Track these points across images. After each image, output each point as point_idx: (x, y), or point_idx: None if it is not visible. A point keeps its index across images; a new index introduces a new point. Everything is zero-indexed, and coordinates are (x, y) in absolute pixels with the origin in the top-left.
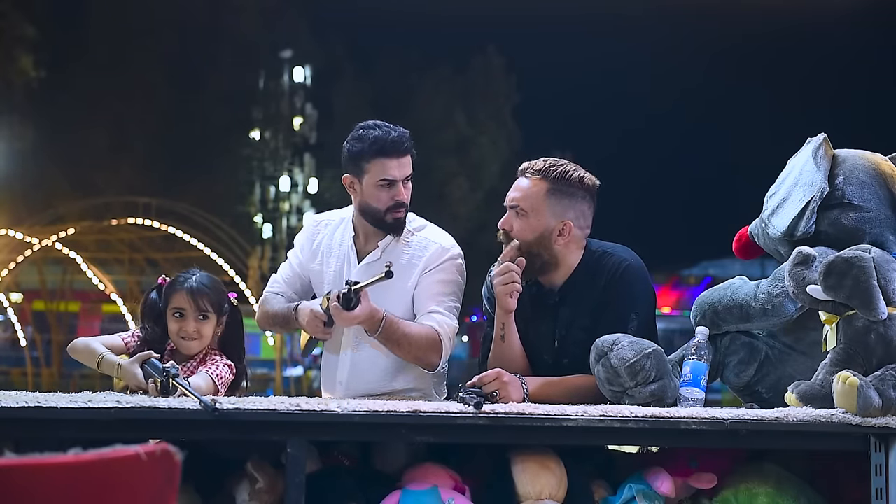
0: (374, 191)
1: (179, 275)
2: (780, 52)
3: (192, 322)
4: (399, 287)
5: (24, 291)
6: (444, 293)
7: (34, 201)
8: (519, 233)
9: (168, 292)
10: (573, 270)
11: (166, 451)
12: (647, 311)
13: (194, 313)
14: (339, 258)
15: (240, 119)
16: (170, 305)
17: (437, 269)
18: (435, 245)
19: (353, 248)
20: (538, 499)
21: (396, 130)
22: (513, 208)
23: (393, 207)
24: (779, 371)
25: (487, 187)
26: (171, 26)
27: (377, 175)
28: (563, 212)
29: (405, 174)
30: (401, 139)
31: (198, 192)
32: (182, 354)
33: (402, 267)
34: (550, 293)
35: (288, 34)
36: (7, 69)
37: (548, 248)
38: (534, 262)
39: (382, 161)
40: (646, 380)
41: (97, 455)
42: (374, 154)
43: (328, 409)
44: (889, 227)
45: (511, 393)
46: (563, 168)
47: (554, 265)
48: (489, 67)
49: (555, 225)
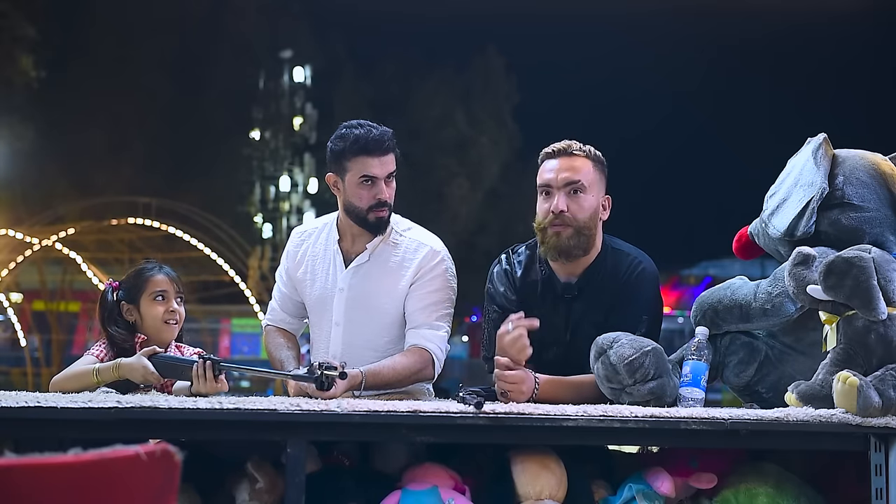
0: (356, 189)
1: (143, 265)
2: (780, 53)
3: (173, 302)
4: (391, 287)
5: (24, 291)
6: (436, 303)
7: (34, 201)
8: (577, 211)
9: (140, 280)
10: (591, 263)
11: (166, 451)
12: (656, 316)
13: (174, 295)
14: (325, 263)
15: (240, 119)
16: (147, 290)
17: (430, 277)
18: (426, 248)
19: (338, 252)
20: (538, 499)
21: (378, 129)
22: (569, 185)
23: (375, 206)
24: (779, 371)
25: (487, 187)
26: (172, 26)
27: (358, 172)
28: (602, 189)
29: (387, 172)
30: (382, 137)
31: (198, 192)
32: (152, 343)
33: (393, 268)
34: (568, 286)
35: (288, 34)
36: (7, 69)
37: (595, 226)
38: (582, 242)
39: (363, 159)
40: (644, 377)
41: (97, 455)
42: (356, 152)
43: (328, 409)
44: (889, 227)
45: (521, 393)
46: (592, 148)
47: (591, 246)
48: (489, 67)
49: (600, 202)
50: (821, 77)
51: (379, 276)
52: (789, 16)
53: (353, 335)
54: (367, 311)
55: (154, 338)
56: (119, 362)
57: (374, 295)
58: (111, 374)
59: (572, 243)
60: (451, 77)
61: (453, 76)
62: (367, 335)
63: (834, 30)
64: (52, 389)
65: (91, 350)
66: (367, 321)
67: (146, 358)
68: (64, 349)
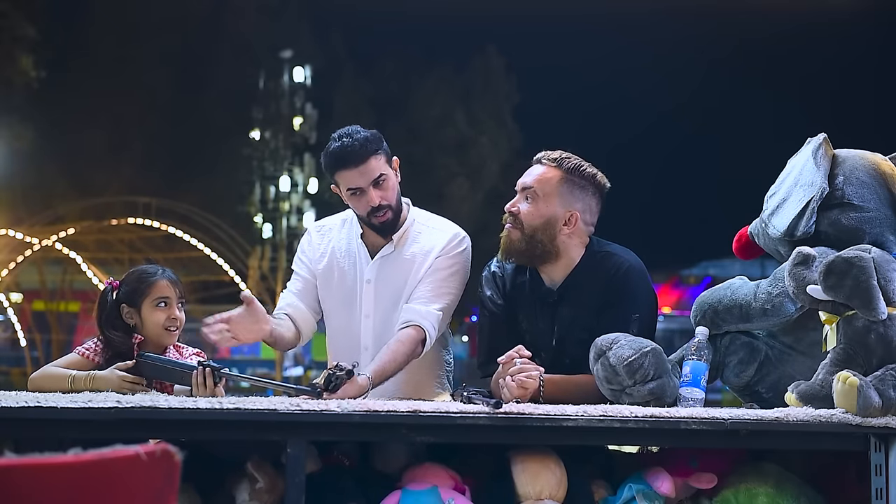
0: (349, 199)
1: (145, 268)
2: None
3: (175, 309)
4: (415, 273)
5: (24, 291)
6: (444, 280)
7: (34, 201)
8: (526, 216)
9: (143, 284)
10: (574, 267)
11: (166, 451)
12: (649, 313)
13: (176, 300)
14: (350, 256)
15: (240, 119)
16: (149, 296)
17: (450, 256)
18: (450, 233)
19: (363, 245)
20: (538, 499)
21: (352, 138)
22: (524, 191)
23: (372, 212)
24: (779, 371)
25: (487, 187)
26: (172, 26)
27: (345, 186)
28: (572, 202)
29: (370, 180)
30: (354, 147)
31: (198, 192)
32: (150, 346)
33: (418, 256)
34: (549, 291)
35: (288, 34)
36: (7, 69)
37: (551, 237)
38: (534, 248)
39: (343, 173)
40: (644, 378)
41: (97, 455)
42: (334, 169)
43: (328, 409)
44: (889, 227)
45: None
46: (577, 161)
47: (554, 256)
48: (489, 67)
49: (562, 214)
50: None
51: (405, 264)
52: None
53: (384, 326)
54: (396, 302)
55: (153, 342)
56: (94, 375)
57: (401, 284)
58: (84, 386)
59: (522, 247)
60: (451, 77)
61: (453, 76)
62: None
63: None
64: (30, 386)
65: (79, 348)
66: (396, 311)
67: (138, 355)
68: (64, 349)
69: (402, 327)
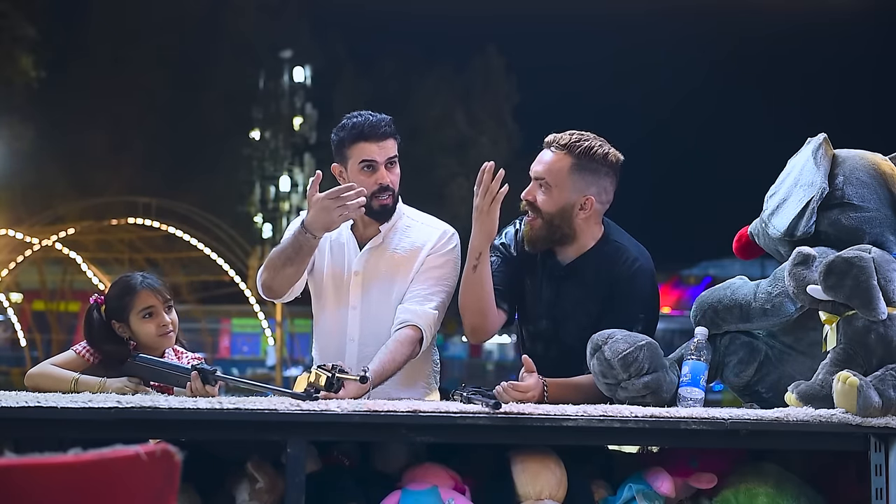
0: (358, 176)
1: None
2: (780, 53)
3: (163, 315)
4: (406, 269)
5: (24, 291)
6: (438, 279)
7: (34, 201)
8: (542, 205)
9: (126, 299)
10: (586, 250)
11: (166, 451)
12: (653, 315)
13: (163, 306)
14: (339, 245)
15: (240, 119)
16: (134, 309)
17: (442, 253)
18: (440, 230)
19: (352, 237)
20: (538, 499)
21: (376, 116)
22: (537, 180)
23: (377, 192)
24: (779, 371)
25: None
26: (171, 26)
27: (358, 158)
28: (585, 187)
29: (387, 156)
30: (379, 123)
31: (198, 192)
32: (151, 351)
33: (408, 250)
34: (559, 265)
35: (288, 34)
36: (7, 69)
37: (569, 222)
38: (554, 233)
39: (362, 145)
40: (639, 371)
41: (97, 455)
42: (354, 139)
43: (328, 409)
44: (889, 227)
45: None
46: (588, 144)
47: (573, 238)
48: (489, 67)
49: (577, 199)
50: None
51: (394, 257)
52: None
53: (370, 318)
54: (383, 294)
55: (152, 350)
56: (105, 382)
57: (389, 276)
58: (93, 390)
59: (543, 233)
60: (451, 77)
61: (453, 76)
62: (384, 318)
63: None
64: (27, 382)
65: (76, 346)
66: (384, 303)
67: (132, 357)
68: (64, 349)
69: (399, 327)
